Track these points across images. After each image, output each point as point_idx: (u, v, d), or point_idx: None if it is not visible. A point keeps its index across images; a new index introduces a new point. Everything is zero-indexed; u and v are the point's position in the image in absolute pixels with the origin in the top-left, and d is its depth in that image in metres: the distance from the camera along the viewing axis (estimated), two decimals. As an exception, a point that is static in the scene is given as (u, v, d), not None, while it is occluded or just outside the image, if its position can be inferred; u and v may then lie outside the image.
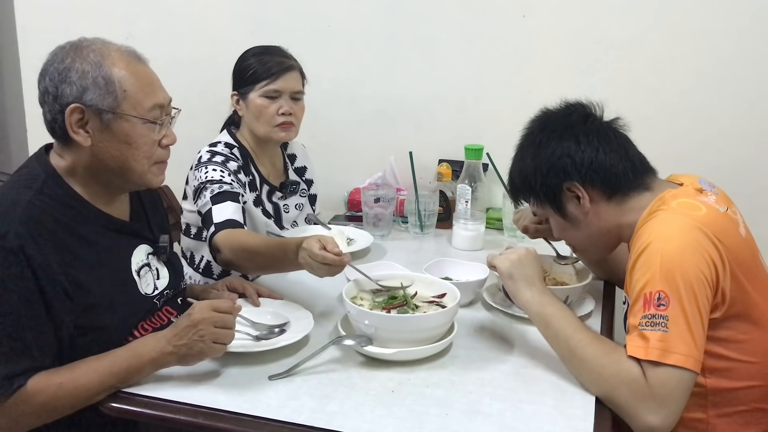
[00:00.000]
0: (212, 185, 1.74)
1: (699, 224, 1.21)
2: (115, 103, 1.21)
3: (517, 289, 1.35)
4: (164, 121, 1.28)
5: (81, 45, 1.23)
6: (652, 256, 1.19)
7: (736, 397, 1.26)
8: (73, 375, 1.15)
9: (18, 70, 2.77)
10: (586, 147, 1.32)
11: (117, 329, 1.26)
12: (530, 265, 1.37)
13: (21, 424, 1.15)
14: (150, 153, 1.27)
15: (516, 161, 1.44)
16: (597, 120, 1.38)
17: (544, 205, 1.40)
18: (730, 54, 2.11)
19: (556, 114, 1.41)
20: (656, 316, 1.15)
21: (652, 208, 1.29)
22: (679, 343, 1.14)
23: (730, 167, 2.02)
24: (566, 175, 1.33)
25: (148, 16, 2.57)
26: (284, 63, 1.86)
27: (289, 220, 2.02)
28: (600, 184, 1.33)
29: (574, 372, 1.24)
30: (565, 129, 1.35)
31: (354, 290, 1.42)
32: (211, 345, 1.17)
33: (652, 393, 1.13)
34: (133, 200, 1.41)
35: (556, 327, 1.26)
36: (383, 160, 2.35)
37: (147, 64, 1.29)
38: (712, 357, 1.24)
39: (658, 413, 1.13)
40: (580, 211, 1.36)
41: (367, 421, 1.09)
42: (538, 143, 1.37)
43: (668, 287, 1.16)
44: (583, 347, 1.22)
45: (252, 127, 1.90)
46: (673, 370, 1.13)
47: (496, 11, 2.26)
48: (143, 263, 1.36)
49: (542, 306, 1.30)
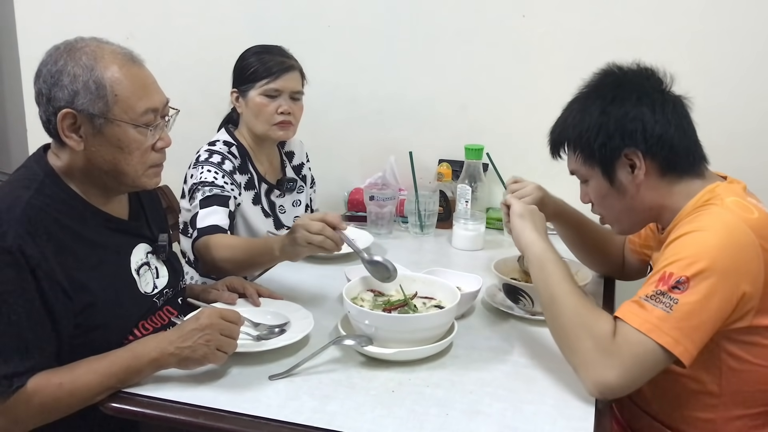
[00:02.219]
0: (204, 187, 1.76)
1: (751, 229, 1.16)
2: (106, 108, 1.20)
3: (523, 228, 1.34)
4: (158, 124, 1.27)
5: (75, 46, 1.21)
6: (692, 242, 1.16)
7: (749, 399, 1.25)
8: (72, 375, 1.15)
9: (18, 70, 2.77)
10: (661, 117, 1.25)
11: (116, 328, 1.26)
12: (540, 219, 1.37)
13: (20, 424, 1.15)
14: (144, 158, 1.26)
15: (574, 111, 1.33)
16: (671, 92, 1.31)
17: (593, 165, 1.31)
18: (730, 54, 2.11)
19: (632, 74, 1.32)
20: (666, 295, 1.12)
21: (702, 198, 1.24)
22: (675, 328, 1.10)
23: (729, 168, 2.02)
24: (632, 141, 1.25)
25: (149, 15, 2.57)
26: (285, 63, 1.87)
27: (288, 219, 2.02)
28: (661, 159, 1.26)
29: (548, 318, 1.24)
30: (643, 93, 1.27)
31: (354, 290, 1.42)
32: (214, 351, 1.17)
33: (617, 352, 1.11)
34: (132, 199, 1.40)
35: (549, 271, 1.25)
36: (383, 160, 2.36)
37: (142, 66, 1.27)
38: (732, 359, 1.22)
39: (615, 370, 1.10)
40: (630, 180, 1.28)
41: (367, 421, 1.09)
42: (612, 99, 1.28)
43: (693, 276, 1.11)
44: (565, 295, 1.21)
45: (251, 125, 1.91)
46: (648, 342, 1.10)
47: (496, 11, 2.26)
48: (142, 262, 1.35)
49: (544, 250, 1.29)
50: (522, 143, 2.20)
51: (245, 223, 1.89)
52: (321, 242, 1.40)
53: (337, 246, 1.42)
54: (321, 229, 1.40)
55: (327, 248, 1.41)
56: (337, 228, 1.41)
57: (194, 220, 1.71)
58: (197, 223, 1.70)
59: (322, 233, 1.40)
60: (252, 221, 1.89)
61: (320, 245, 1.40)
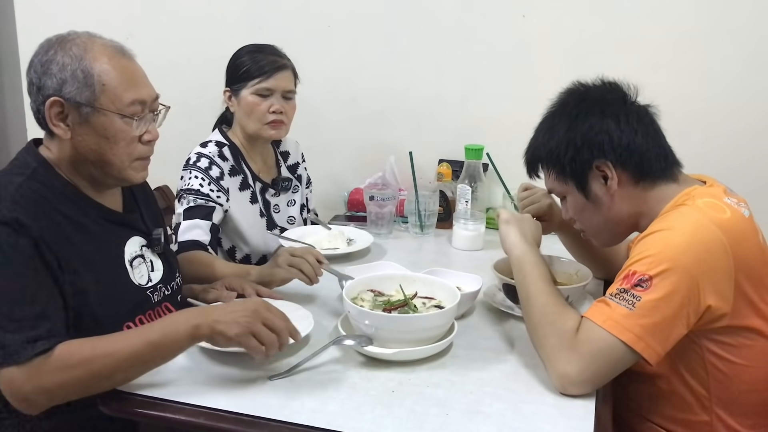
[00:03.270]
0: (189, 195, 1.79)
1: (718, 228, 1.17)
2: (93, 96, 1.21)
3: (507, 233, 1.40)
4: (145, 117, 1.27)
5: (66, 38, 1.23)
6: (656, 241, 1.18)
7: (742, 400, 1.25)
8: (107, 340, 1.13)
9: (18, 70, 2.78)
10: (626, 127, 1.28)
11: (109, 318, 1.24)
12: (530, 226, 1.42)
13: (51, 391, 1.10)
14: (129, 149, 1.26)
15: (543, 131, 1.37)
16: (635, 102, 1.34)
17: (567, 181, 1.34)
18: (731, 54, 2.11)
19: (595, 89, 1.36)
20: (628, 293, 1.14)
21: (678, 201, 1.26)
22: (637, 325, 1.12)
23: (730, 167, 2.02)
24: (600, 153, 1.28)
25: (148, 15, 2.57)
26: (277, 62, 1.88)
27: (282, 218, 2.03)
28: (632, 167, 1.28)
29: (524, 317, 1.29)
30: (606, 105, 1.30)
31: (354, 290, 1.42)
32: (248, 336, 1.15)
33: (579, 347, 1.15)
34: (126, 194, 1.41)
35: (525, 272, 1.31)
36: (383, 160, 2.36)
37: (132, 59, 1.28)
38: (717, 360, 1.23)
39: (577, 365, 1.14)
40: (605, 192, 1.31)
41: (367, 421, 1.09)
42: (575, 116, 1.31)
43: (656, 275, 1.13)
44: (538, 294, 1.26)
45: (243, 124, 1.92)
46: (609, 338, 1.13)
47: (496, 11, 2.26)
48: (136, 254, 1.35)
49: (524, 253, 1.34)
50: (522, 143, 2.18)
51: (238, 227, 1.89)
52: (300, 264, 1.51)
53: (314, 276, 1.52)
54: (304, 254, 1.53)
55: (305, 272, 1.51)
56: (321, 262, 1.53)
57: (176, 231, 1.75)
58: (178, 236, 1.74)
59: (304, 257, 1.52)
60: (244, 226, 1.89)
61: (299, 266, 1.51)
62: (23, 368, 1.08)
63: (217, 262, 1.69)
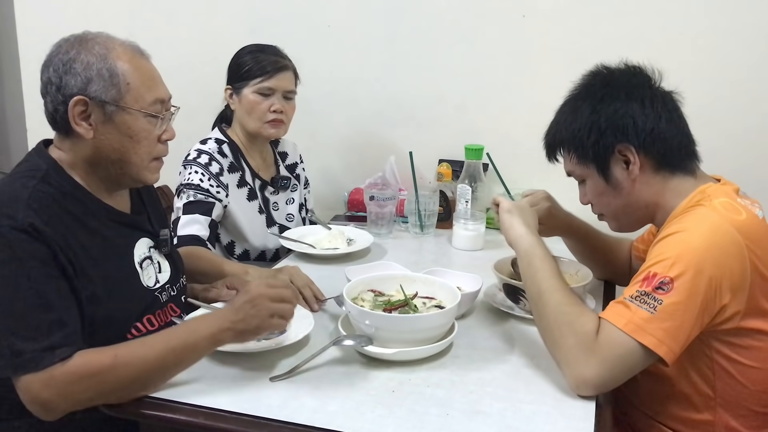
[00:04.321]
0: (189, 190, 1.81)
1: (735, 230, 1.17)
2: (119, 95, 1.22)
3: (511, 224, 1.36)
4: (165, 116, 1.29)
5: (86, 38, 1.24)
6: (676, 242, 1.17)
7: (747, 400, 1.25)
8: (128, 348, 1.13)
9: (18, 70, 2.77)
10: (651, 112, 1.26)
11: (119, 321, 1.25)
12: (531, 215, 1.40)
13: (69, 398, 1.10)
14: (150, 148, 1.28)
15: (566, 113, 1.35)
16: (660, 87, 1.32)
17: (588, 164, 1.32)
18: (731, 54, 2.11)
19: (620, 73, 1.34)
20: (650, 296, 1.13)
21: (693, 199, 1.25)
22: (659, 329, 1.12)
23: (729, 168, 2.02)
24: (624, 137, 1.27)
25: (149, 15, 2.57)
26: (279, 62, 1.90)
27: (281, 216, 2.03)
28: (654, 153, 1.27)
29: (535, 314, 1.26)
30: (631, 89, 1.29)
31: (354, 290, 1.42)
32: (267, 319, 1.18)
33: (599, 351, 1.13)
34: (133, 195, 1.41)
35: (536, 266, 1.27)
36: (383, 160, 2.35)
37: (149, 60, 1.30)
38: (724, 360, 1.22)
39: (596, 368, 1.13)
40: (625, 176, 1.30)
41: (367, 421, 1.09)
42: (601, 98, 1.29)
43: (677, 277, 1.13)
44: (552, 291, 1.23)
45: (243, 122, 1.94)
46: (631, 343, 1.12)
47: (496, 11, 2.26)
48: (145, 256, 1.36)
49: (532, 245, 1.31)
50: (522, 143, 2.20)
51: (237, 223, 1.90)
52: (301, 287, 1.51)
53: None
54: (306, 284, 1.53)
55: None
56: (318, 300, 1.51)
57: (176, 225, 1.76)
58: (178, 230, 1.75)
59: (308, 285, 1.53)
60: (243, 222, 1.90)
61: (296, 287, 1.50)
62: (40, 375, 1.08)
63: (219, 260, 1.71)
